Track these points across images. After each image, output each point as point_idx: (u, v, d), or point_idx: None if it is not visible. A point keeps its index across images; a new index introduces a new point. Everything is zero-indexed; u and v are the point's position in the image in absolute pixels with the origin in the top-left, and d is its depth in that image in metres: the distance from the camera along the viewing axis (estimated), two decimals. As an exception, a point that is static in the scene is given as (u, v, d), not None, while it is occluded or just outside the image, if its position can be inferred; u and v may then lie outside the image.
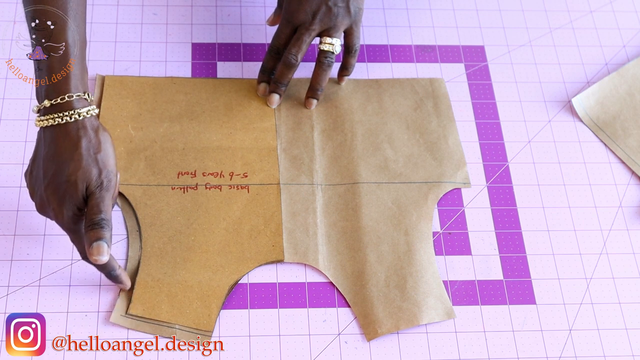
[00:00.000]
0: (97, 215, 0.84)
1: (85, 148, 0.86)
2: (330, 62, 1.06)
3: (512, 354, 0.93)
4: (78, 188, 0.85)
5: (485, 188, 1.04)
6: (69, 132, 0.86)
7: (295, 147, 1.04)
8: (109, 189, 0.86)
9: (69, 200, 0.85)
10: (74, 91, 0.86)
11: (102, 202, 0.85)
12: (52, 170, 0.85)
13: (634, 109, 1.11)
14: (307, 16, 1.04)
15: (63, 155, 0.85)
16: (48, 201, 0.86)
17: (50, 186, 0.85)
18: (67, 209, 0.85)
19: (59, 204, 0.85)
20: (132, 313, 0.91)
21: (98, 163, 0.85)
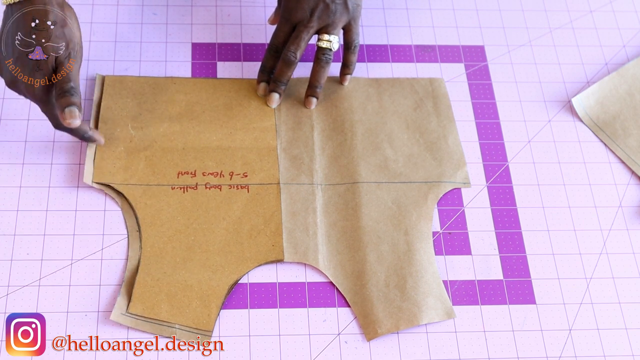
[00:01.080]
0: (66, 83, 0.92)
1: (52, 22, 0.91)
2: (328, 59, 1.06)
3: (512, 353, 0.93)
4: (48, 59, 0.91)
5: (485, 188, 1.04)
6: (36, 6, 0.91)
7: (295, 146, 1.04)
8: (76, 60, 0.93)
9: (39, 71, 0.92)
10: None
11: (70, 71, 0.92)
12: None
13: (634, 108, 1.11)
14: (305, 14, 1.04)
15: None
16: (18, 75, 0.92)
17: (19, 59, 0.91)
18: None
19: (30, 75, 0.92)
20: (132, 312, 0.91)
21: (65, 36, 0.92)
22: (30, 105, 1.05)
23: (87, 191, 0.99)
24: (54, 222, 0.97)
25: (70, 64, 0.92)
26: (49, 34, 0.91)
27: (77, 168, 1.01)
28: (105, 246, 0.96)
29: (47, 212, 0.97)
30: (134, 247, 0.96)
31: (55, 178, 1.00)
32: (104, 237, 0.96)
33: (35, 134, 1.03)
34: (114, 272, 0.94)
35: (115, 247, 0.96)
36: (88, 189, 0.99)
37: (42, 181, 0.99)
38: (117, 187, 0.99)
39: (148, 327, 0.91)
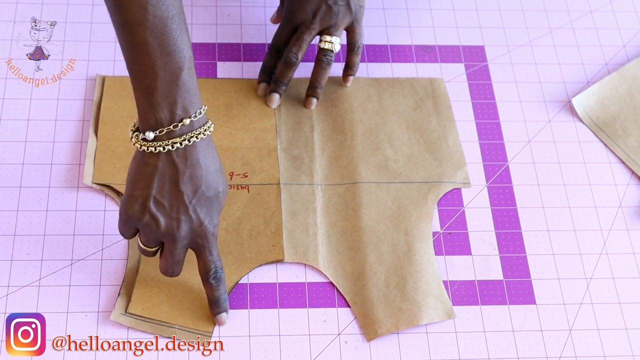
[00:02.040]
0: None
1: (219, 163, 0.87)
2: (329, 61, 1.06)
3: (512, 354, 0.93)
4: (226, 193, 0.88)
5: (485, 188, 1.04)
6: (207, 147, 0.84)
7: (295, 147, 1.04)
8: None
9: (219, 214, 0.87)
10: (199, 107, 0.84)
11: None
12: (199, 187, 0.84)
13: (634, 109, 1.11)
14: (307, 15, 1.04)
15: (206, 172, 0.84)
16: (193, 219, 0.85)
17: (199, 204, 0.85)
18: (217, 220, 0.87)
19: (210, 219, 0.86)
20: (132, 312, 0.91)
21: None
22: (30, 105, 1.05)
23: (87, 191, 0.99)
24: (54, 222, 0.97)
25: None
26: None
27: (77, 168, 1.01)
28: (105, 246, 0.96)
29: (47, 212, 0.97)
30: (134, 247, 0.96)
31: (55, 178, 1.00)
32: (104, 237, 0.96)
33: (35, 134, 1.03)
34: (114, 272, 0.94)
35: (115, 247, 0.96)
36: (88, 189, 0.99)
37: (42, 181, 0.99)
38: (117, 187, 0.99)
39: (148, 327, 0.91)
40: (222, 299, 0.90)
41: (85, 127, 1.04)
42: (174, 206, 0.84)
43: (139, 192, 0.84)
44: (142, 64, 0.80)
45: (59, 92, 1.06)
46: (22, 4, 1.14)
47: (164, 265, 0.88)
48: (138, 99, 0.82)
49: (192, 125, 0.82)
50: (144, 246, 0.87)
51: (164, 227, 0.84)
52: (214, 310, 0.90)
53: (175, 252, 0.86)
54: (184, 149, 0.82)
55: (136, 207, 0.84)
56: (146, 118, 0.82)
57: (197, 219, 0.85)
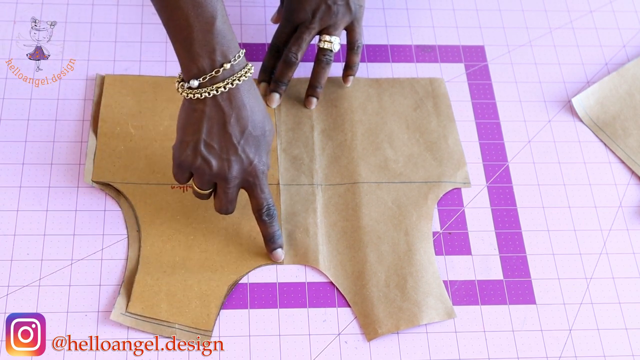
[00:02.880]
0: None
1: (263, 104, 0.90)
2: (328, 60, 1.06)
3: (512, 354, 0.93)
4: (273, 133, 0.92)
5: (485, 188, 1.04)
6: (249, 89, 0.88)
7: (295, 147, 1.04)
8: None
9: (268, 153, 0.91)
10: (237, 51, 0.87)
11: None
12: (246, 127, 0.88)
13: (634, 109, 1.11)
14: (307, 15, 1.04)
15: (251, 112, 0.88)
16: (243, 159, 0.89)
17: (248, 144, 0.89)
18: (268, 159, 0.91)
19: (259, 158, 0.90)
20: (131, 311, 0.91)
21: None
22: (30, 105, 1.05)
23: (87, 191, 0.99)
24: (54, 222, 0.97)
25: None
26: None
27: (77, 168, 1.01)
28: (105, 246, 0.96)
29: (47, 212, 0.97)
30: (133, 247, 0.96)
31: (55, 178, 1.00)
32: (104, 237, 0.96)
33: (35, 134, 1.03)
34: (114, 272, 0.94)
35: (115, 247, 0.96)
36: (88, 189, 0.99)
37: (42, 181, 0.99)
38: (117, 186, 0.99)
39: (148, 327, 0.91)
40: (276, 234, 0.94)
41: (85, 126, 1.04)
42: (224, 147, 0.88)
43: (189, 137, 0.88)
44: (177, 18, 0.84)
45: (59, 92, 1.06)
46: (22, 4, 1.14)
47: (219, 204, 0.92)
48: (178, 52, 0.86)
49: (232, 69, 0.86)
50: (198, 189, 0.92)
51: (216, 169, 0.88)
52: (269, 246, 0.94)
53: (229, 192, 0.91)
54: (227, 93, 0.86)
55: (188, 151, 0.88)
56: (189, 68, 0.86)
57: (246, 159, 0.89)
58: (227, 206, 0.93)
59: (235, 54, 0.87)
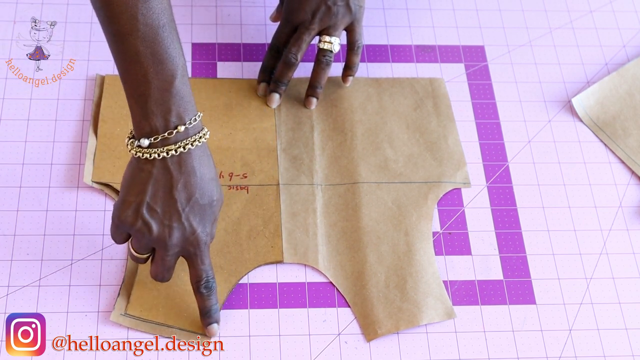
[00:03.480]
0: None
1: (214, 172, 0.86)
2: (328, 61, 1.06)
3: (512, 354, 0.93)
4: (220, 203, 0.87)
5: (485, 188, 1.04)
6: (202, 154, 0.84)
7: (295, 147, 1.04)
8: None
9: (213, 223, 0.86)
10: (193, 114, 0.83)
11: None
12: (193, 195, 0.84)
13: (634, 109, 1.11)
14: (307, 15, 1.04)
15: (200, 180, 0.84)
16: (185, 227, 0.84)
17: (193, 212, 0.84)
18: (213, 229, 0.87)
19: (203, 227, 0.85)
20: (130, 313, 0.91)
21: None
22: (30, 105, 1.05)
23: (87, 191, 0.99)
24: (54, 222, 0.97)
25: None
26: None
27: (77, 168, 1.01)
28: (105, 246, 0.96)
29: (47, 212, 0.97)
30: (134, 247, 0.96)
31: (55, 178, 1.00)
32: (104, 237, 0.96)
33: (35, 134, 1.03)
34: (114, 272, 0.94)
35: (115, 247, 0.96)
36: (88, 189, 0.99)
37: (42, 181, 0.99)
38: (117, 186, 0.98)
39: (148, 327, 0.91)
40: (213, 309, 0.89)
41: (85, 127, 1.04)
42: (167, 213, 0.83)
43: (132, 198, 0.83)
44: (135, 72, 0.80)
45: (59, 92, 1.06)
46: (22, 4, 1.14)
47: (155, 270, 0.88)
48: (132, 107, 0.82)
49: (187, 133, 0.82)
50: (135, 252, 0.87)
51: (155, 234, 0.84)
52: (204, 320, 0.89)
53: (167, 259, 0.86)
54: (178, 157, 0.82)
55: (129, 212, 0.83)
56: (140, 126, 0.82)
57: (189, 227, 0.84)
58: (164, 274, 0.88)
59: (191, 117, 0.82)
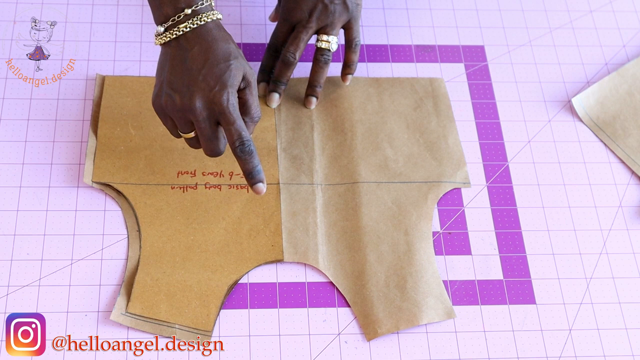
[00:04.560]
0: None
1: (232, 40, 0.91)
2: (327, 60, 1.06)
3: (512, 353, 0.93)
4: (241, 67, 0.90)
5: (485, 188, 1.04)
6: (217, 25, 0.91)
7: (295, 146, 1.04)
8: (253, 92, 0.92)
9: (232, 82, 0.89)
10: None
11: (253, 103, 0.92)
12: (208, 59, 0.89)
13: (634, 108, 1.11)
14: (304, 14, 1.04)
15: (218, 43, 0.90)
16: (203, 88, 0.88)
17: (209, 73, 0.88)
18: (232, 88, 0.89)
19: (222, 86, 0.88)
20: (131, 312, 0.91)
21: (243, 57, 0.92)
22: (30, 105, 1.05)
23: (87, 191, 0.99)
24: (54, 222, 0.97)
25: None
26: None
27: (77, 168, 1.01)
28: (105, 246, 0.96)
29: (47, 212, 0.97)
30: (133, 247, 0.96)
31: (55, 178, 1.00)
32: (104, 237, 0.96)
33: (35, 134, 1.03)
34: (114, 272, 0.94)
35: (115, 247, 0.96)
36: (88, 189, 0.99)
37: (42, 181, 0.99)
38: (117, 186, 0.99)
39: (148, 327, 0.91)
40: (255, 170, 0.91)
41: (85, 127, 1.04)
42: (185, 81, 0.89)
43: (158, 80, 0.91)
44: None
45: (59, 92, 1.06)
46: (22, 4, 1.14)
47: (203, 147, 0.91)
48: (150, 4, 0.92)
49: (195, 13, 0.90)
50: (182, 134, 0.92)
51: (179, 103, 0.89)
52: (248, 181, 0.92)
53: (201, 126, 0.89)
54: (191, 32, 0.90)
55: (157, 93, 0.91)
56: (157, 17, 0.91)
57: (207, 87, 0.88)
58: (209, 145, 0.90)
59: (199, 1, 0.90)
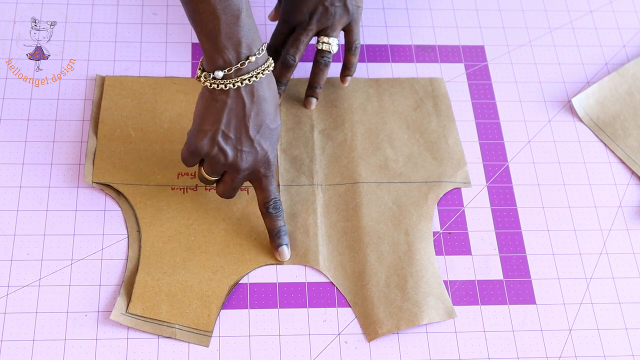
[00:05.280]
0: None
1: (278, 100, 0.94)
2: (327, 62, 1.06)
3: (512, 354, 0.93)
4: (279, 135, 0.94)
5: (485, 188, 1.04)
6: (269, 82, 0.91)
7: (295, 147, 1.04)
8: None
9: (276, 146, 0.93)
10: (260, 44, 0.90)
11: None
12: (264, 120, 0.91)
13: (634, 108, 1.11)
14: (304, 16, 1.04)
15: (270, 106, 0.91)
16: (258, 151, 0.91)
17: (264, 137, 0.91)
18: (275, 153, 0.93)
19: (272, 150, 0.92)
20: (132, 312, 0.91)
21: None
22: (30, 105, 1.05)
23: (87, 191, 0.99)
24: (54, 222, 0.97)
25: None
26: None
27: (77, 168, 1.01)
28: (105, 246, 0.96)
29: (47, 212, 0.97)
30: (134, 247, 0.96)
31: (55, 178, 1.00)
32: (104, 237, 0.96)
33: (35, 134, 1.03)
34: (114, 272, 0.94)
35: (115, 247, 0.96)
36: (88, 189, 0.99)
37: (42, 181, 0.99)
38: (117, 187, 0.99)
39: (148, 327, 0.91)
40: (282, 230, 0.95)
41: (85, 127, 1.04)
42: (240, 139, 0.90)
43: (208, 127, 0.90)
44: (204, 11, 0.86)
45: (59, 92, 1.06)
46: (22, 4, 1.14)
47: (223, 190, 0.95)
48: (203, 44, 0.89)
49: (257, 62, 0.89)
50: (206, 176, 0.94)
51: (231, 159, 0.91)
52: (274, 243, 0.95)
53: (236, 180, 0.93)
54: (251, 86, 0.89)
55: (205, 140, 0.91)
56: (214, 59, 0.88)
57: (261, 151, 0.91)
58: (231, 192, 0.95)
59: (259, 47, 0.89)
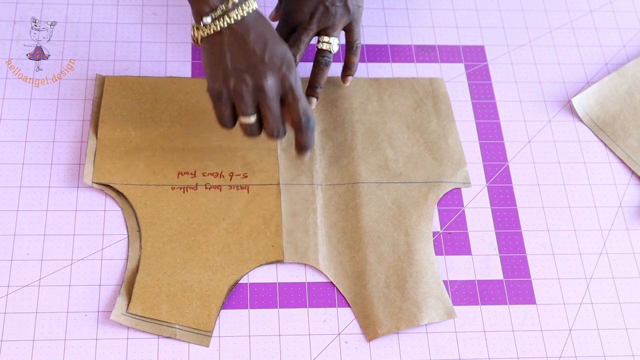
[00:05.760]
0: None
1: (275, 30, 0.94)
2: (327, 61, 1.06)
3: (512, 354, 0.93)
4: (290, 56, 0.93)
5: (485, 188, 1.04)
6: (259, 17, 0.91)
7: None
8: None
9: (290, 65, 0.92)
10: None
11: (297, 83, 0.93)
12: (267, 41, 0.90)
13: (634, 108, 1.11)
14: (305, 16, 1.04)
15: (270, 27, 0.92)
16: (272, 64, 0.90)
17: (274, 55, 0.90)
18: (295, 68, 0.92)
19: (289, 66, 0.91)
20: (132, 312, 0.91)
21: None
22: (30, 105, 1.05)
23: (87, 191, 0.99)
24: (54, 222, 0.97)
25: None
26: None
27: (77, 168, 1.01)
28: (105, 246, 0.96)
29: (47, 212, 0.97)
30: (134, 247, 0.96)
31: (55, 178, 1.00)
32: (104, 237, 0.96)
33: (35, 134, 1.03)
34: (114, 272, 0.94)
35: (115, 247, 0.96)
36: (88, 189, 0.99)
37: (42, 181, 0.99)
38: (117, 187, 0.99)
39: (148, 327, 0.91)
40: (310, 145, 0.95)
41: (85, 127, 1.04)
42: (252, 63, 0.90)
43: (216, 69, 0.91)
44: None
45: (59, 92, 1.06)
46: (22, 4, 1.14)
47: (269, 126, 0.93)
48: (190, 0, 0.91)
49: (242, 1, 0.90)
50: (244, 119, 0.92)
51: (251, 82, 0.90)
52: (301, 152, 0.95)
53: (271, 105, 0.91)
54: (242, 20, 0.90)
55: (220, 81, 0.91)
56: (200, 10, 0.90)
57: (275, 66, 0.90)
58: (277, 124, 0.93)
59: None
